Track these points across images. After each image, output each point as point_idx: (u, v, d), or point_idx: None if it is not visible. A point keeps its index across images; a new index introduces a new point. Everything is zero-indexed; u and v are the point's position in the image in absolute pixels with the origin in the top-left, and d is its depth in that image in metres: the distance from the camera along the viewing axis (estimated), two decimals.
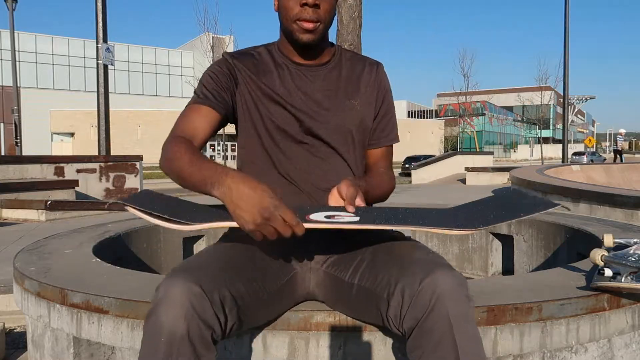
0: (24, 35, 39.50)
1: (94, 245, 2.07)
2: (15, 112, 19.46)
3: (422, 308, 1.01)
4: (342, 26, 5.59)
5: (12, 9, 17.94)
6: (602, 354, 1.42)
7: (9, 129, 34.90)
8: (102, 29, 9.70)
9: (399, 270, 1.10)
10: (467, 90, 39.25)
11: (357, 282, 1.20)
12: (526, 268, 2.82)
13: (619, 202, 4.78)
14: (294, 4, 1.31)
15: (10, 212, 6.41)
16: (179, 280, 1.01)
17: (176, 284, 1.00)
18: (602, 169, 10.44)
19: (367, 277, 1.18)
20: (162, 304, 0.99)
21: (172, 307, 0.98)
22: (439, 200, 6.86)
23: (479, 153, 23.43)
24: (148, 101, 43.95)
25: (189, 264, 1.11)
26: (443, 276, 1.03)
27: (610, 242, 1.50)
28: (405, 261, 1.13)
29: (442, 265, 1.07)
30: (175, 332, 0.97)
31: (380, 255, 1.21)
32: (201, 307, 0.99)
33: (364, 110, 1.44)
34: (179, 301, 0.98)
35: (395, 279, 1.09)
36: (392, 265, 1.14)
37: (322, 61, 1.44)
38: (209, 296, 1.01)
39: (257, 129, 1.39)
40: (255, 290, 1.15)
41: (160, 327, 0.98)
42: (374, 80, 1.47)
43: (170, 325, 0.98)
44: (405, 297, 1.04)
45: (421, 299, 1.02)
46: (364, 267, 1.21)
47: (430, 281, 1.02)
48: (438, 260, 1.12)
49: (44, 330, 1.62)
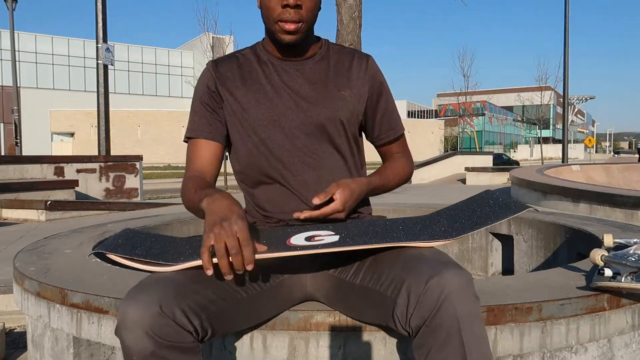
0: (24, 35, 39.50)
1: (93, 245, 2.07)
2: (15, 112, 19.47)
3: (430, 307, 1.01)
4: (342, 26, 5.59)
5: (12, 9, 17.95)
6: (602, 354, 1.42)
7: (9, 129, 34.91)
8: (102, 29, 9.70)
9: (405, 269, 1.10)
10: (467, 90, 39.21)
11: (359, 282, 1.20)
12: (526, 268, 2.82)
13: (618, 202, 4.78)
14: (275, 4, 1.30)
15: (10, 212, 6.41)
16: (133, 302, 1.02)
17: (132, 306, 1.01)
18: (602, 169, 10.44)
19: (370, 276, 1.17)
20: (122, 327, 1.01)
21: (131, 331, 1.00)
22: (439, 200, 6.86)
23: (479, 153, 23.43)
24: (148, 101, 43.95)
25: (147, 281, 1.10)
26: (451, 275, 1.02)
27: (610, 242, 1.50)
28: (410, 259, 1.12)
29: (449, 264, 1.06)
30: (143, 351, 1.00)
31: (384, 255, 1.19)
32: (160, 324, 1.00)
33: (354, 102, 1.42)
34: (137, 323, 1.00)
35: (401, 278, 1.08)
36: (396, 264, 1.13)
37: (308, 55, 1.42)
38: (167, 313, 1.01)
39: (246, 132, 1.39)
40: (229, 294, 1.14)
41: (129, 349, 1.01)
42: (364, 72, 1.44)
43: (135, 347, 1.00)
44: (412, 296, 1.04)
45: (428, 298, 1.01)
46: (367, 266, 1.20)
47: (437, 280, 1.02)
48: (444, 258, 1.11)
49: (43, 330, 1.62)
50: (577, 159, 41.04)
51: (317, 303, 1.33)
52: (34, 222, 6.07)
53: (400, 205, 3.34)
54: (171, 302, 1.02)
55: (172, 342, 1.01)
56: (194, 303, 1.06)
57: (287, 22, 1.30)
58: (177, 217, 2.90)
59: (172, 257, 1.19)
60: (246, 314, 1.20)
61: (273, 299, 1.25)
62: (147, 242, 1.30)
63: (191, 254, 1.19)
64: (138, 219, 2.84)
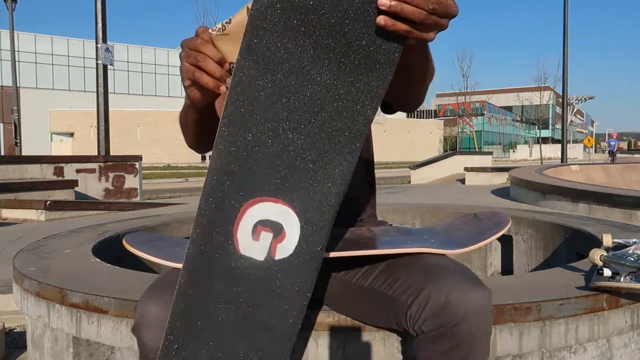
0: (23, 35, 39.46)
1: (93, 245, 2.07)
2: (15, 112, 19.47)
3: (448, 320, 0.99)
4: None
5: (11, 9, 17.94)
6: (601, 354, 1.43)
7: (9, 129, 34.91)
8: (102, 29, 9.69)
9: (424, 276, 1.06)
10: (466, 90, 39.25)
11: (367, 284, 1.17)
12: (525, 268, 2.82)
13: (618, 202, 4.79)
14: None
15: (10, 212, 6.40)
16: (153, 300, 1.02)
17: (152, 304, 1.02)
18: (602, 169, 10.45)
19: (382, 280, 1.14)
20: (140, 326, 1.01)
21: (150, 329, 1.00)
22: (439, 200, 6.86)
23: (478, 153, 23.44)
24: (147, 101, 43.92)
25: (165, 280, 1.09)
26: (473, 293, 1.00)
27: (609, 242, 1.50)
28: (432, 268, 1.08)
29: (471, 279, 1.04)
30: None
31: (401, 262, 1.15)
32: None
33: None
34: (156, 322, 1.00)
35: (420, 285, 1.04)
36: (415, 271, 1.10)
37: None
38: None
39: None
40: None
41: (147, 348, 1.01)
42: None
43: (154, 345, 1.00)
44: (431, 304, 1.01)
45: (449, 312, 0.99)
46: (380, 271, 1.17)
47: (459, 297, 0.99)
48: (466, 272, 1.08)
49: (43, 330, 1.62)
50: (576, 159, 41.04)
51: (316, 304, 1.33)
52: (34, 222, 6.07)
53: (400, 206, 3.34)
54: None
55: None
56: None
57: None
58: (176, 217, 2.90)
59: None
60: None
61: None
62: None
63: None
64: (137, 219, 2.84)
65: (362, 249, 1.13)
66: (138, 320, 1.02)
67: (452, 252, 1.18)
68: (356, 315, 1.25)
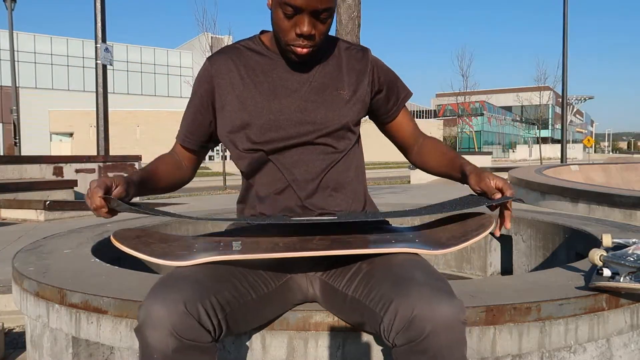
0: (22, 35, 39.44)
1: (92, 245, 2.07)
2: (14, 112, 19.46)
3: (416, 334, 1.00)
4: (341, 26, 5.59)
5: (11, 9, 17.93)
6: (600, 354, 1.42)
7: (8, 129, 34.90)
8: (101, 29, 9.69)
9: (394, 289, 1.07)
10: (466, 90, 39.21)
11: (350, 293, 1.18)
12: (525, 268, 2.82)
13: (617, 202, 4.79)
14: (288, 27, 1.24)
15: (9, 212, 6.40)
16: (159, 300, 1.02)
17: (157, 304, 1.01)
18: (601, 169, 10.45)
19: (361, 290, 1.16)
20: (145, 326, 1.01)
21: (156, 330, 1.00)
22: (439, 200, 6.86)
23: (477, 153, 23.42)
24: (147, 101, 43.88)
25: (170, 279, 1.09)
26: (441, 307, 1.00)
27: (609, 242, 1.50)
28: (402, 280, 1.08)
29: (440, 292, 1.03)
30: (166, 350, 1.00)
31: (378, 268, 1.17)
32: (185, 324, 1.00)
33: (356, 101, 1.38)
34: (162, 323, 1.00)
35: (389, 297, 1.06)
36: (386, 281, 1.10)
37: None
38: (192, 312, 1.01)
39: (244, 131, 1.33)
40: (242, 294, 1.15)
41: (151, 348, 1.01)
42: (364, 66, 1.40)
43: (159, 345, 1.00)
44: (399, 318, 1.02)
45: (416, 326, 1.00)
46: (360, 278, 1.18)
47: (425, 311, 0.99)
48: (437, 284, 1.07)
49: (42, 330, 1.62)
50: (576, 159, 41.05)
51: (316, 304, 1.33)
52: (33, 222, 6.06)
53: (399, 206, 3.33)
54: (195, 301, 1.03)
55: (192, 342, 1.01)
56: (214, 303, 1.07)
57: (300, 47, 1.26)
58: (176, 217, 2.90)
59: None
60: (255, 314, 1.21)
61: (278, 300, 1.26)
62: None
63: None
64: (137, 218, 2.84)
65: (347, 248, 1.16)
66: (143, 320, 1.01)
67: (435, 253, 1.19)
68: (346, 319, 1.26)
